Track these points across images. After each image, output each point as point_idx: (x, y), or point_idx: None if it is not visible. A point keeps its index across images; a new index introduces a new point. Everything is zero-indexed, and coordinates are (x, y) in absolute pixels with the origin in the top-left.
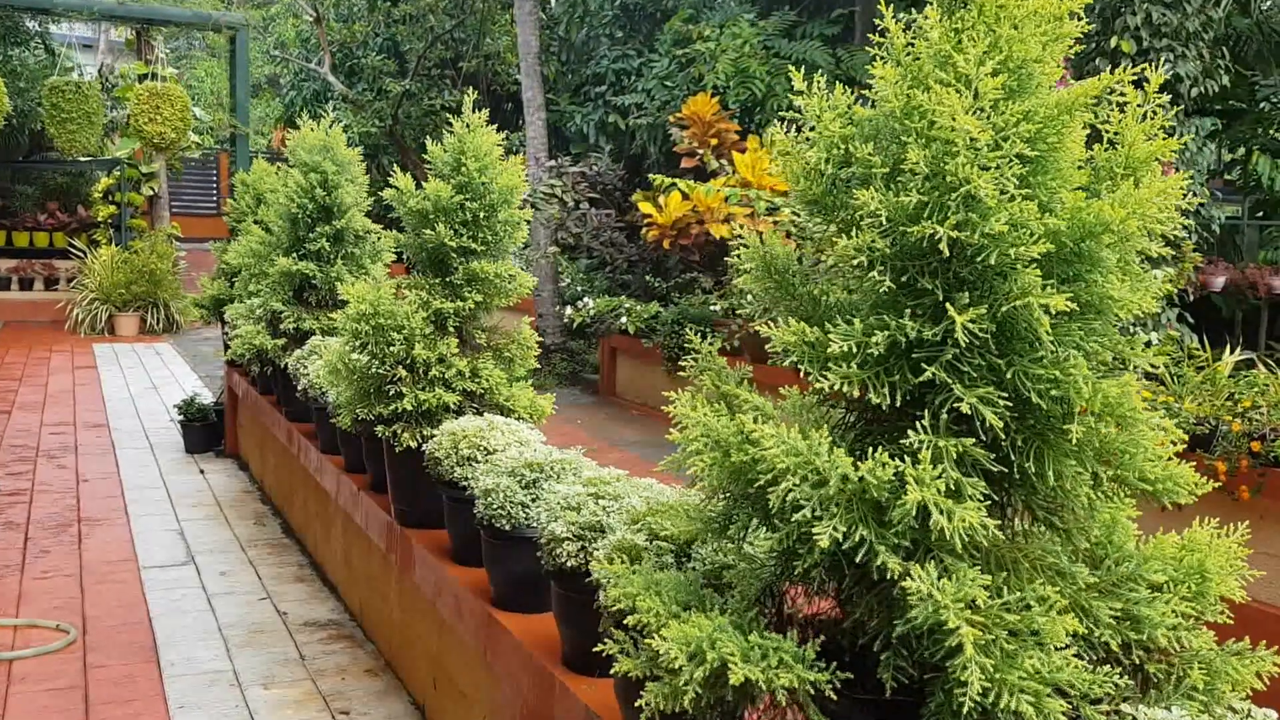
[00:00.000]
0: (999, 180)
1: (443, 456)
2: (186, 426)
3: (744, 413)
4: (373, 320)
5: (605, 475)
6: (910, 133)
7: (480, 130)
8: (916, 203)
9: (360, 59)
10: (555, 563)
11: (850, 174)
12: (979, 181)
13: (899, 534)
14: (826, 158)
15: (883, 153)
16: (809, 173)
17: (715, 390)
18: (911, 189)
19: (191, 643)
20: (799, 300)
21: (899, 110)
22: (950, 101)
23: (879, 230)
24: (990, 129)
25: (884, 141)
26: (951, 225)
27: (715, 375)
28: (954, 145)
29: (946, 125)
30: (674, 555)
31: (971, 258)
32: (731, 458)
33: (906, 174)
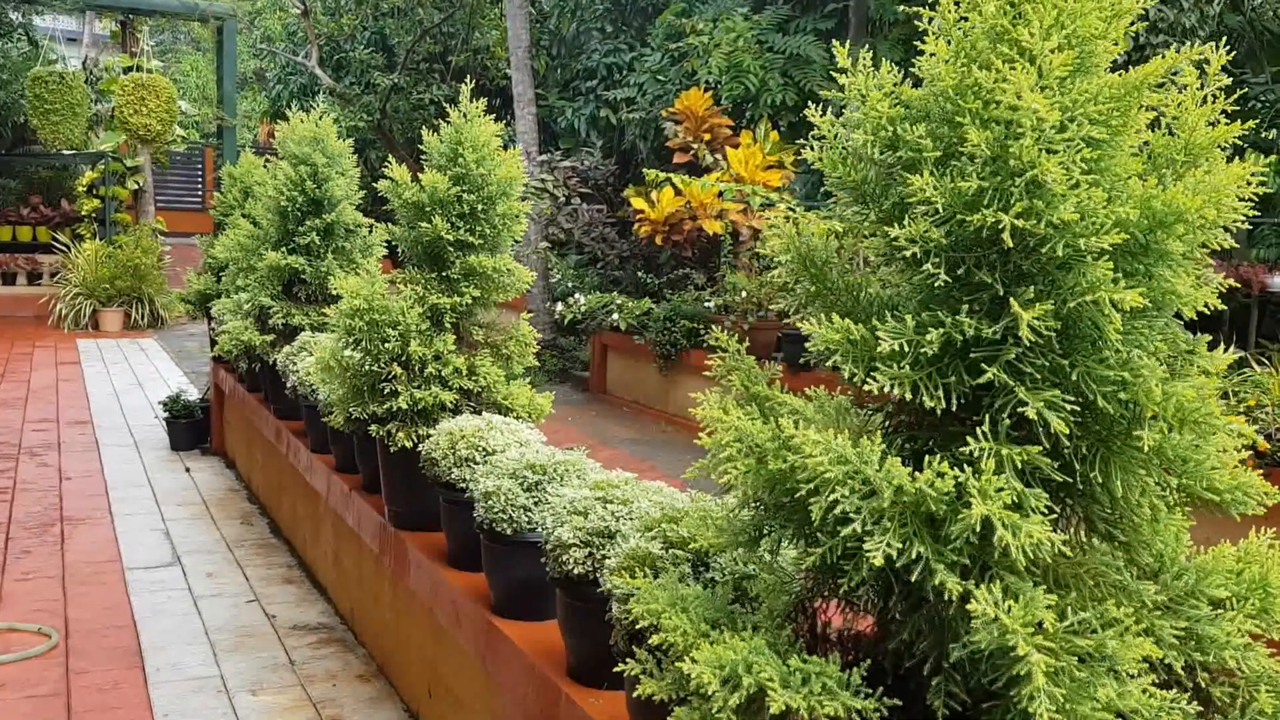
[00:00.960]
0: (1066, 164)
1: (440, 457)
2: (172, 424)
3: (781, 416)
4: (366, 316)
5: (613, 478)
6: (965, 113)
7: (478, 120)
8: (976, 189)
9: (348, 52)
10: (561, 570)
11: (897, 159)
12: (1047, 165)
13: (957, 551)
14: (873, 140)
15: (932, 135)
16: (849, 158)
17: (745, 391)
18: (971, 174)
19: (177, 647)
20: (837, 295)
21: (952, 89)
22: (1017, 78)
23: (933, 219)
24: (1056, 109)
25: (933, 124)
26: (1016, 213)
27: (745, 375)
28: (1019, 126)
29: (1010, 104)
30: (691, 565)
31: (1034, 249)
32: (768, 465)
33: (963, 158)
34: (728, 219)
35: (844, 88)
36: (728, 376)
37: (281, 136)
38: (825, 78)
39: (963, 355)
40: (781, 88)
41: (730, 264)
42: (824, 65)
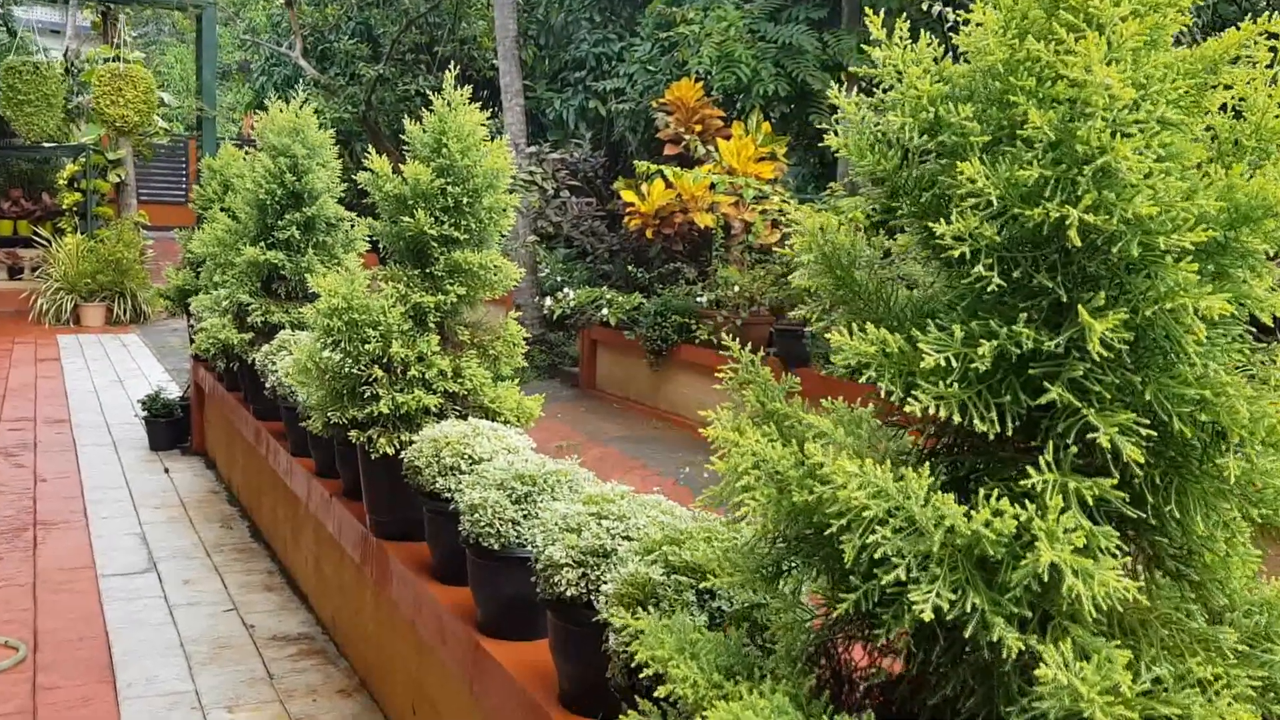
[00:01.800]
0: (1141, 150)
1: (423, 465)
2: (151, 423)
3: (808, 440)
4: (346, 315)
5: (608, 492)
6: (1017, 91)
7: (463, 109)
8: (1036, 179)
9: (333, 43)
10: (553, 592)
11: (938, 144)
12: (1121, 150)
13: (1016, 600)
14: (911, 123)
15: (979, 118)
16: (877, 144)
17: (761, 408)
18: (1031, 161)
19: (151, 659)
20: (866, 300)
21: (1002, 64)
22: (1086, 48)
23: (984, 214)
24: (1130, 85)
25: (978, 104)
26: (1085, 207)
27: (760, 389)
28: (1087, 105)
29: (1078, 79)
30: (695, 592)
31: (1100, 248)
32: (793, 497)
33: (1017, 144)
34: (719, 212)
35: (876, 63)
36: (741, 390)
37: (260, 127)
38: (818, 67)
39: (1018, 371)
40: (774, 78)
41: (722, 258)
42: (817, 55)
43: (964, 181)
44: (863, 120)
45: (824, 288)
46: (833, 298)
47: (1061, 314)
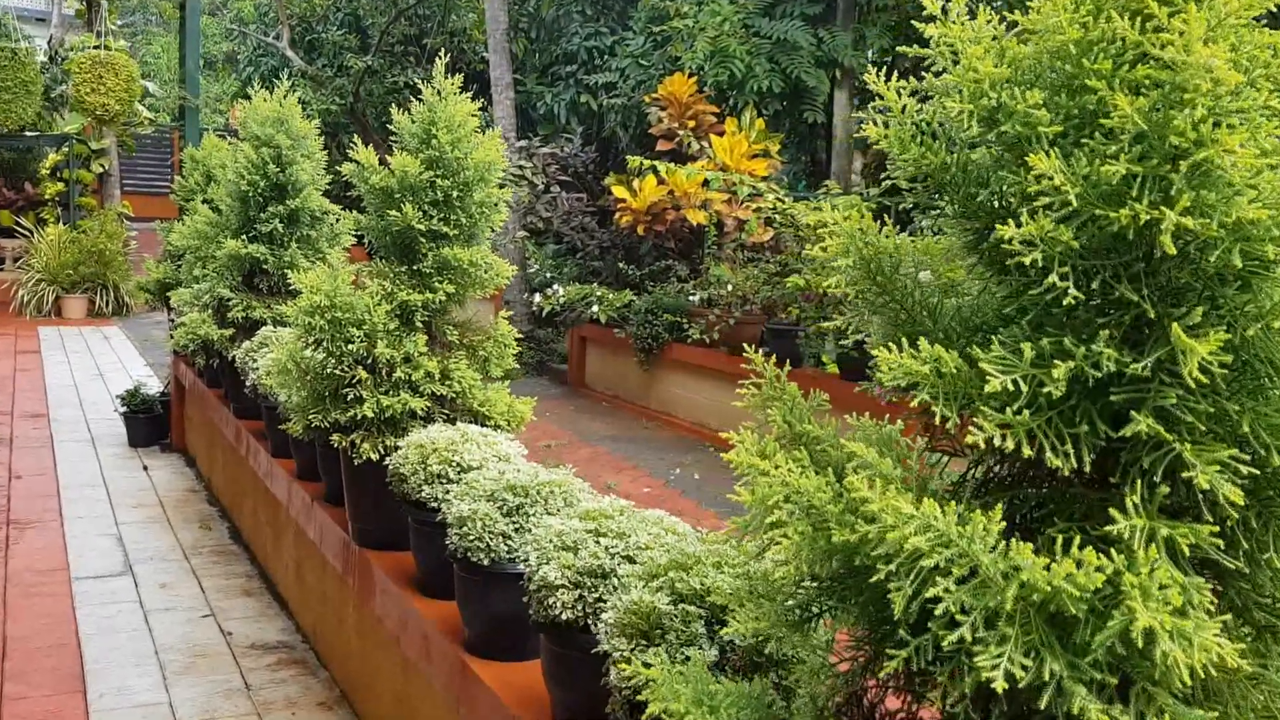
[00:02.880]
0: (1248, 144)
1: (409, 473)
2: (130, 419)
3: (847, 469)
4: (328, 313)
5: (605, 506)
6: (1090, 75)
7: (453, 99)
8: (1124, 175)
9: (320, 34)
10: (548, 615)
11: (999, 136)
12: (1229, 143)
13: (1096, 664)
14: (971, 111)
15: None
16: (921, 135)
17: (788, 430)
18: (1116, 155)
19: (125, 669)
20: (910, 311)
21: (1074, 44)
22: (1187, 24)
23: (1058, 215)
24: (1233, 68)
25: (1044, 90)
26: (1181, 209)
27: (787, 409)
28: (1184, 91)
29: (1176, 60)
30: (704, 622)
31: (1192, 257)
32: (831, 536)
33: (1095, 136)
34: (712, 209)
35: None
36: (765, 409)
37: (243, 116)
38: (813, 64)
39: (1093, 397)
40: (768, 74)
41: (714, 255)
42: (811, 51)
43: (1033, 179)
44: (903, 110)
45: (862, 295)
46: (871, 306)
47: (1141, 331)
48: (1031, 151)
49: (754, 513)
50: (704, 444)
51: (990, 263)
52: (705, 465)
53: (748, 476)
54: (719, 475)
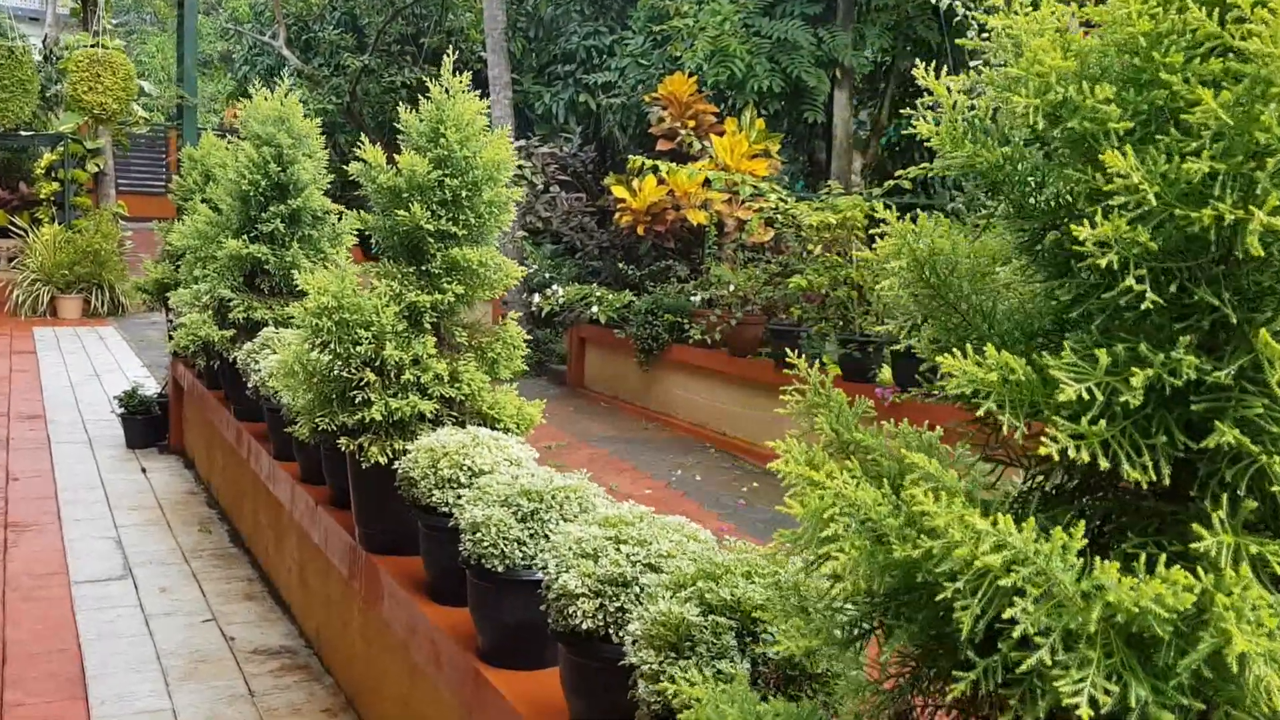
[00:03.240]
0: None
1: (419, 477)
2: (128, 420)
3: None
4: (336, 315)
5: (625, 513)
6: (1161, 68)
7: (462, 97)
8: (1206, 173)
9: (317, 33)
10: (567, 624)
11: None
12: None
13: (1180, 688)
14: (1037, 106)
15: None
16: (974, 131)
17: (835, 438)
18: (1198, 152)
19: (125, 674)
20: (964, 314)
21: (1143, 37)
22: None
23: (1134, 215)
24: None
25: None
26: (1270, 209)
27: (833, 417)
28: (1270, 85)
29: (1259, 53)
30: (735, 634)
31: (1274, 259)
32: (893, 552)
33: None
34: (712, 209)
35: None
36: (809, 416)
37: (244, 115)
38: (813, 63)
39: (1170, 406)
40: (769, 74)
41: (715, 255)
42: (811, 51)
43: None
44: (954, 106)
45: (915, 299)
46: (924, 310)
47: (1217, 337)
48: (1099, 149)
49: (806, 526)
50: (704, 445)
51: (1048, 264)
52: (706, 466)
53: (796, 487)
54: (720, 476)
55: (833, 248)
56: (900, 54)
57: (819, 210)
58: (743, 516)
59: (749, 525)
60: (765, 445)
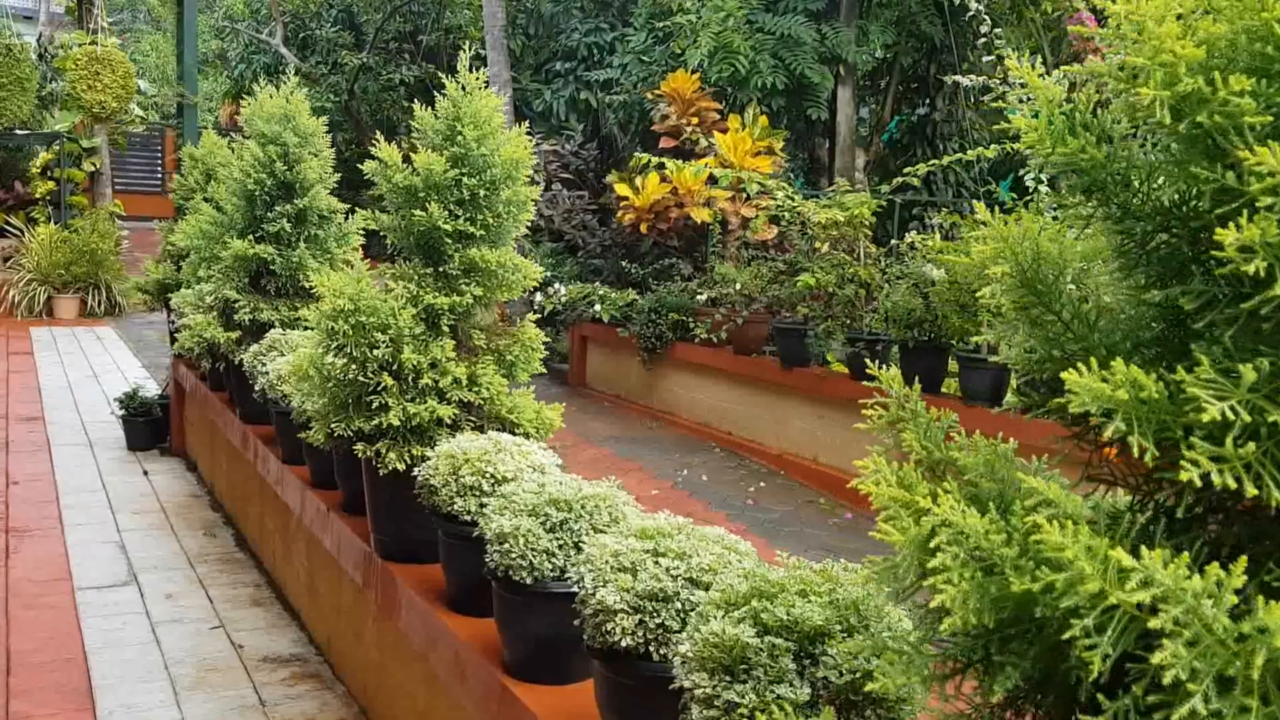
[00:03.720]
0: None
1: (439, 485)
2: (129, 422)
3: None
4: (352, 318)
5: (663, 524)
6: None
7: (478, 94)
8: None
9: (314, 31)
10: (605, 640)
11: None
12: None
13: None
14: (1166, 97)
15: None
16: (1077, 127)
17: (925, 456)
18: None
19: (133, 684)
20: (1065, 324)
21: (1278, 23)
22: None
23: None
24: None
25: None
26: None
27: (921, 432)
28: None
29: None
30: (793, 656)
31: None
32: (1010, 585)
33: None
34: (716, 207)
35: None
36: (896, 430)
37: (248, 113)
38: (817, 59)
39: None
40: (772, 70)
41: (719, 253)
42: (815, 47)
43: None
44: (1051, 101)
45: (1018, 303)
46: (1025, 316)
47: None
48: (1229, 145)
49: (905, 554)
50: (709, 444)
51: (1159, 269)
52: (712, 466)
53: (886, 509)
54: (727, 476)
55: (839, 245)
56: (903, 50)
57: (827, 208)
58: (751, 517)
59: (758, 526)
60: (771, 444)
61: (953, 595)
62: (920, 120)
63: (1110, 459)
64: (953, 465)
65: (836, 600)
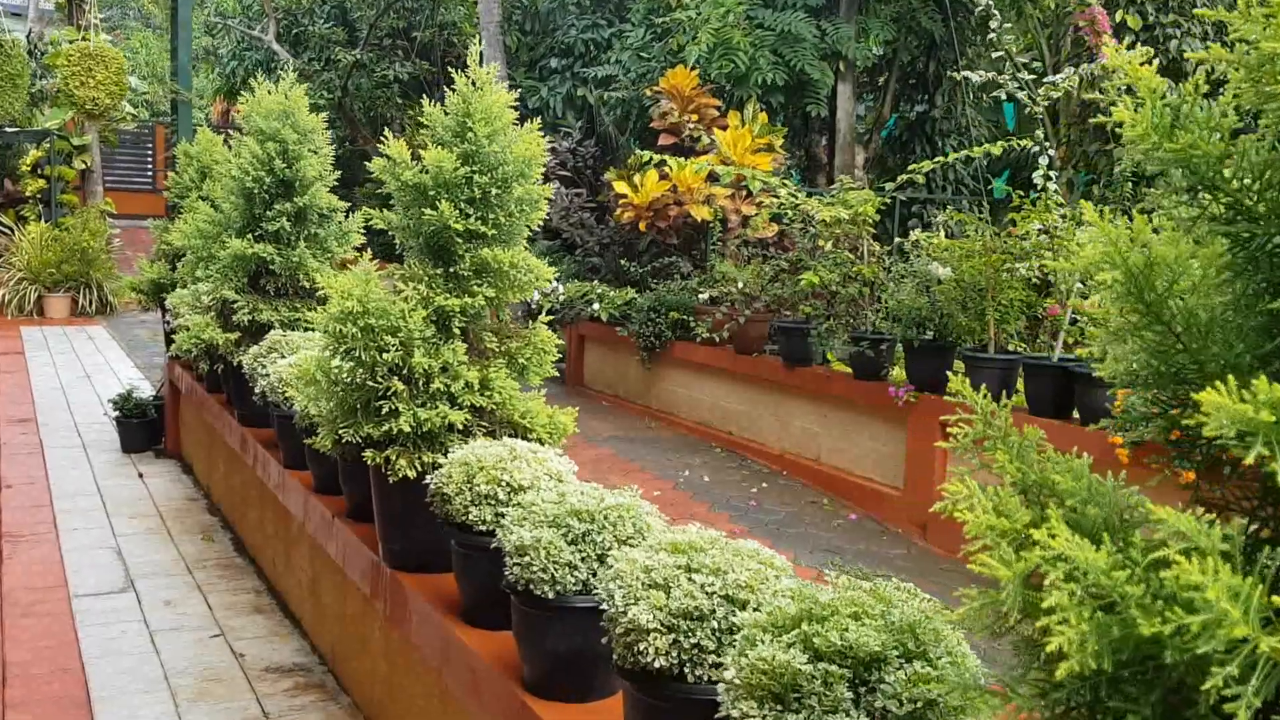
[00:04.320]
0: None
1: (453, 493)
2: (123, 424)
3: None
4: (361, 320)
5: (695, 538)
6: None
7: (490, 89)
8: None
9: (307, 27)
10: (637, 661)
11: None
12: None
13: None
14: None
15: None
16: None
17: (1020, 478)
18: None
19: (133, 695)
20: (1176, 336)
21: None
22: None
23: None
24: None
25: None
26: None
27: (1014, 452)
28: None
29: None
30: (849, 684)
31: None
32: (1138, 627)
33: None
34: (716, 204)
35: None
36: (983, 449)
37: (247, 109)
38: (816, 56)
39: None
40: (772, 66)
41: (718, 251)
42: (815, 43)
43: None
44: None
45: (1127, 314)
46: (1132, 329)
47: None
48: None
49: (1009, 589)
50: (709, 444)
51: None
52: (713, 466)
53: (980, 538)
54: (728, 477)
55: (842, 243)
56: (902, 46)
57: (831, 205)
58: (754, 518)
59: (761, 528)
60: (773, 445)
61: (1070, 638)
62: (919, 117)
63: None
64: (1048, 488)
65: (892, 623)
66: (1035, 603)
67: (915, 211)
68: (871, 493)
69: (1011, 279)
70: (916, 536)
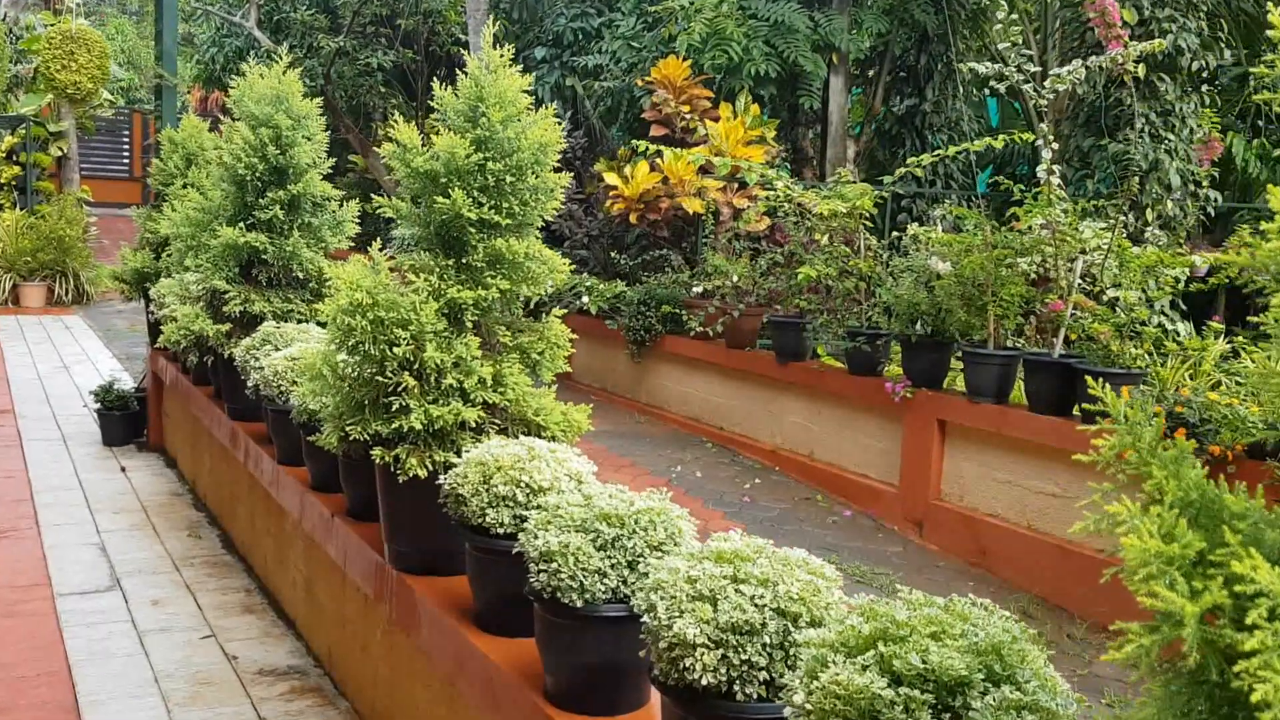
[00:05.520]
0: None
1: (469, 494)
2: (105, 416)
3: None
4: (370, 313)
5: (740, 547)
6: None
7: (504, 72)
8: None
9: (289, 13)
10: (682, 677)
11: None
12: None
13: None
14: None
15: None
16: None
17: (1183, 501)
18: None
19: (123, 700)
20: None
21: None
22: None
23: None
24: None
25: None
26: None
27: (1170, 470)
28: None
29: None
30: (931, 710)
31: None
32: None
33: None
34: (708, 197)
35: None
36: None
37: (237, 95)
38: (810, 47)
39: None
40: (765, 58)
41: (710, 245)
42: (808, 35)
43: None
44: None
45: None
46: None
47: None
48: None
49: (1191, 626)
50: (701, 439)
51: None
52: (705, 462)
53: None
54: (721, 472)
55: (837, 237)
56: (895, 39)
57: (828, 199)
58: (748, 515)
59: (756, 524)
60: (765, 440)
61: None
62: (909, 111)
63: None
64: (1227, 512)
65: (975, 644)
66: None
67: (905, 206)
68: (866, 489)
69: (1012, 274)
70: (912, 534)
